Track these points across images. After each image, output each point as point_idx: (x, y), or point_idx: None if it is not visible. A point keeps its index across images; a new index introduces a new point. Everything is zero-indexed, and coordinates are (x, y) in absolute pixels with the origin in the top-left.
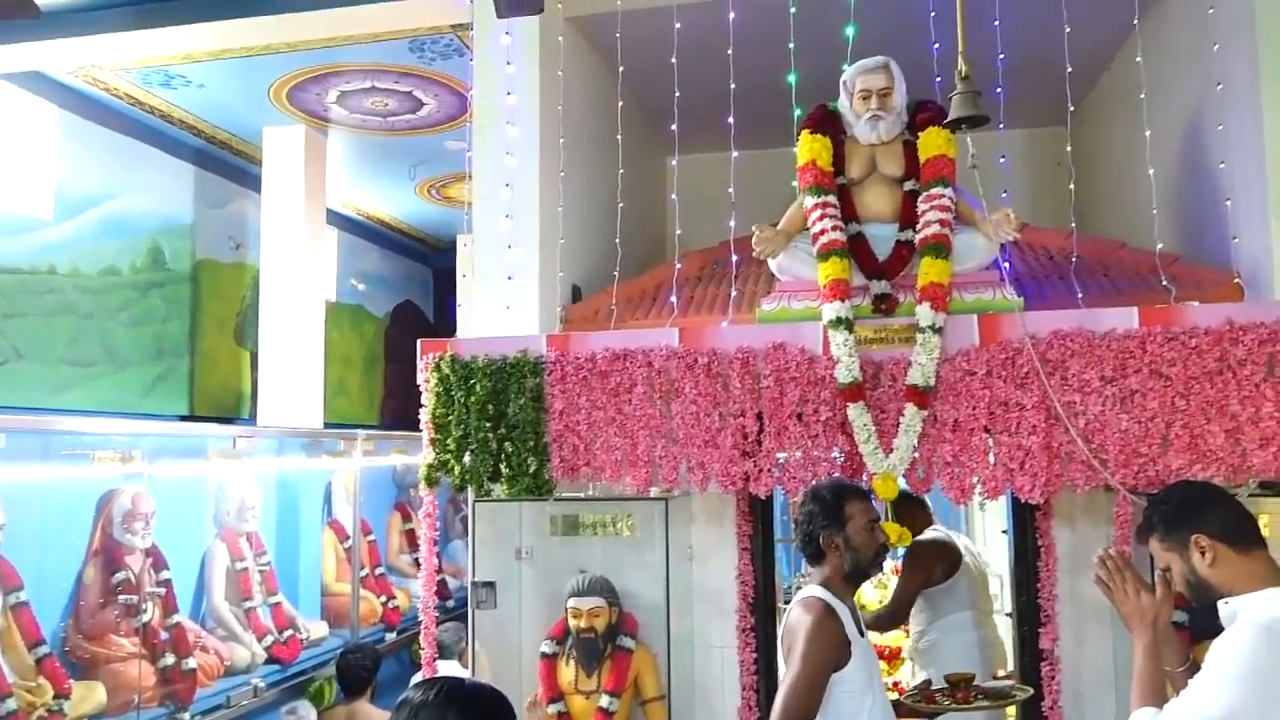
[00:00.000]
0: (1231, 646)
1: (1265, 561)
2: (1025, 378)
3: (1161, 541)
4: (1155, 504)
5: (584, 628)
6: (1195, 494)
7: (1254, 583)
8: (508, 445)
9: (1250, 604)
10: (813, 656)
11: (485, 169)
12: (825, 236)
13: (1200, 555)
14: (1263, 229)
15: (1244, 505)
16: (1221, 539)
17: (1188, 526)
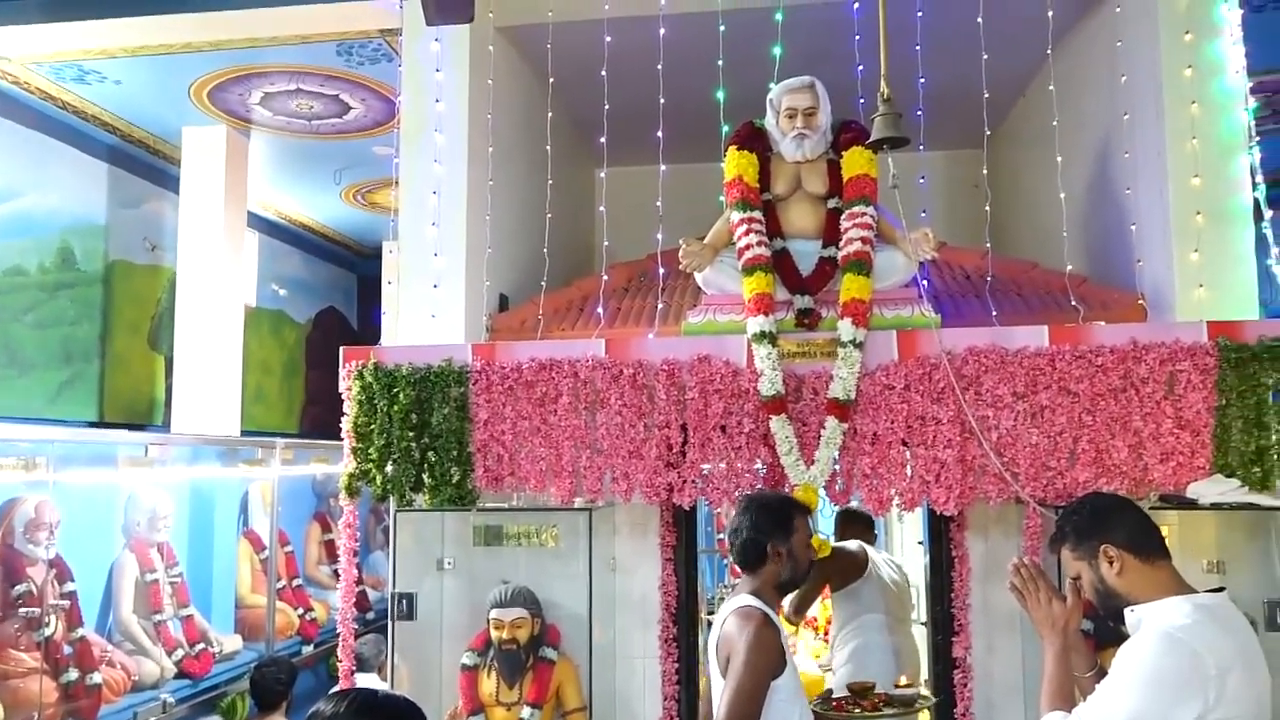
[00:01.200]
0: (1136, 653)
1: (1168, 571)
2: (941, 393)
3: (1073, 551)
4: (1067, 514)
5: (506, 639)
6: (1105, 505)
7: (1157, 591)
8: (431, 455)
9: (1154, 612)
10: (756, 665)
11: (412, 176)
12: (751, 251)
13: (1108, 564)
14: (1165, 253)
15: (1149, 518)
16: (1128, 549)
17: (1097, 537)
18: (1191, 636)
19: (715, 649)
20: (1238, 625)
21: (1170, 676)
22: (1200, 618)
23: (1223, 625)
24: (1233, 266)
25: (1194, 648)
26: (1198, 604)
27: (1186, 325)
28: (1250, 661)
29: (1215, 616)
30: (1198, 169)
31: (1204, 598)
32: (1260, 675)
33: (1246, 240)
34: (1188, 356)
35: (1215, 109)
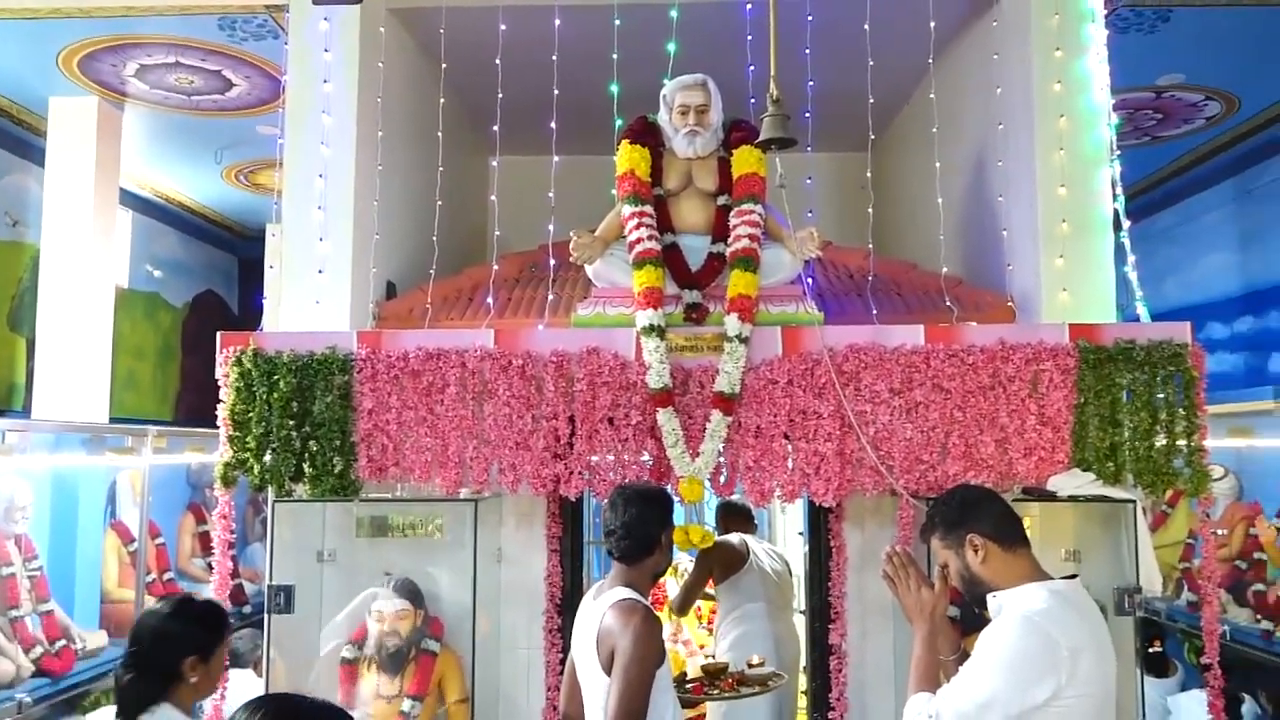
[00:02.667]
0: (997, 637)
1: (1028, 560)
2: (823, 388)
3: (941, 540)
4: (937, 505)
5: (387, 631)
6: (972, 497)
7: (1018, 578)
8: (312, 444)
9: (1014, 598)
10: (644, 659)
11: (298, 157)
12: (641, 245)
13: (974, 553)
14: (1033, 258)
15: (1012, 509)
16: (992, 539)
17: (964, 527)
18: (1047, 621)
19: (594, 642)
20: (1089, 610)
21: (1027, 658)
22: (1055, 603)
23: (1076, 610)
24: (1093, 273)
25: (1049, 631)
26: (1053, 590)
27: (1050, 327)
28: (1100, 643)
29: (1069, 602)
30: (1064, 180)
31: (1059, 584)
32: (1108, 656)
33: (1106, 248)
34: (1050, 357)
35: (1081, 123)
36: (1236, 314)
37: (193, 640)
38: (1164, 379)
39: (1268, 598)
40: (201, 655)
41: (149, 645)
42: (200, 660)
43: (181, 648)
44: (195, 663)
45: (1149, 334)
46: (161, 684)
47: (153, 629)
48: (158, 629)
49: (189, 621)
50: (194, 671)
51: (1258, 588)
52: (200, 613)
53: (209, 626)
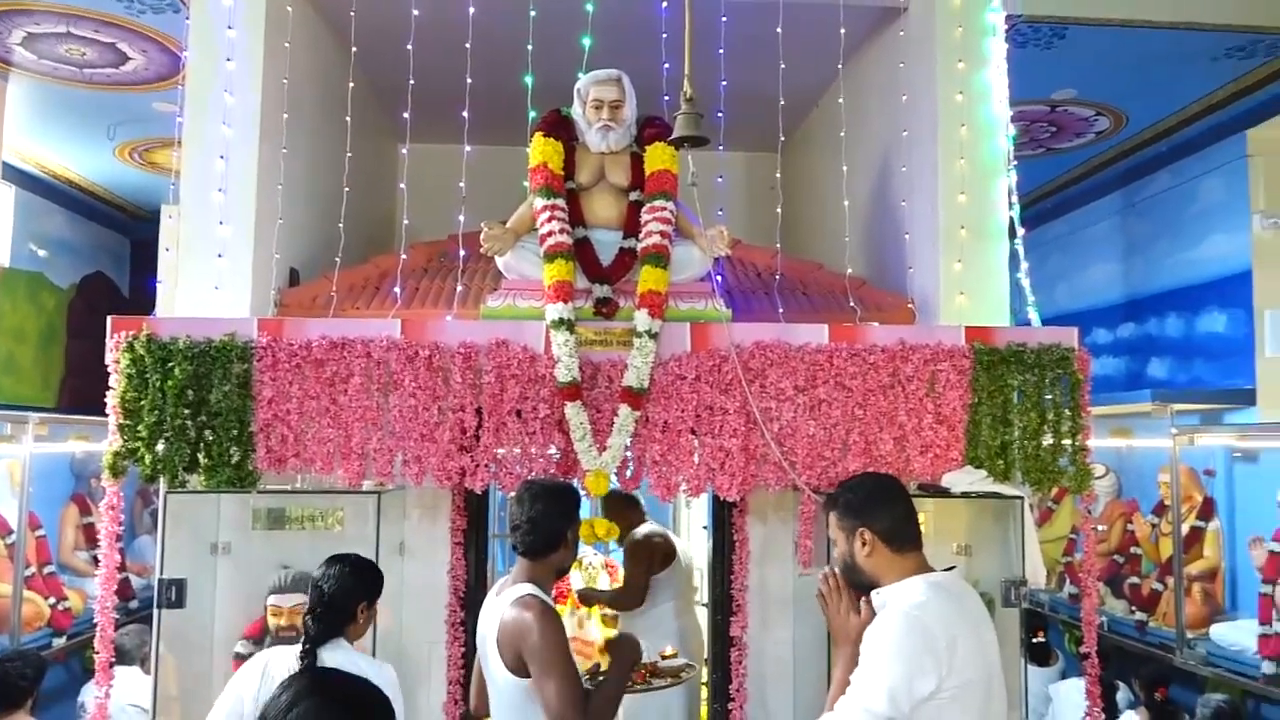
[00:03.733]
0: (880, 634)
1: (915, 560)
2: (729, 384)
3: (838, 521)
4: (847, 485)
5: (284, 626)
6: (878, 492)
7: (899, 576)
8: (208, 434)
9: (895, 593)
10: (563, 648)
11: (198, 137)
12: (552, 239)
13: (861, 545)
14: (933, 262)
15: (914, 510)
16: (882, 537)
17: (860, 518)
18: (925, 614)
19: (496, 640)
20: (967, 598)
21: (909, 651)
22: (933, 595)
23: (953, 600)
24: (989, 278)
25: (926, 624)
26: (931, 582)
27: (948, 329)
28: (977, 629)
29: (947, 592)
30: (964, 187)
31: (937, 576)
32: (987, 640)
33: (1002, 255)
34: (947, 358)
35: (981, 133)
36: (1119, 320)
37: (365, 589)
38: (1052, 381)
39: (1142, 590)
40: (369, 601)
41: (332, 591)
42: (369, 605)
43: (357, 595)
44: (365, 607)
45: (1039, 338)
46: (337, 624)
47: (335, 578)
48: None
49: (364, 574)
50: (364, 614)
51: (1133, 581)
52: (369, 566)
53: (376, 577)
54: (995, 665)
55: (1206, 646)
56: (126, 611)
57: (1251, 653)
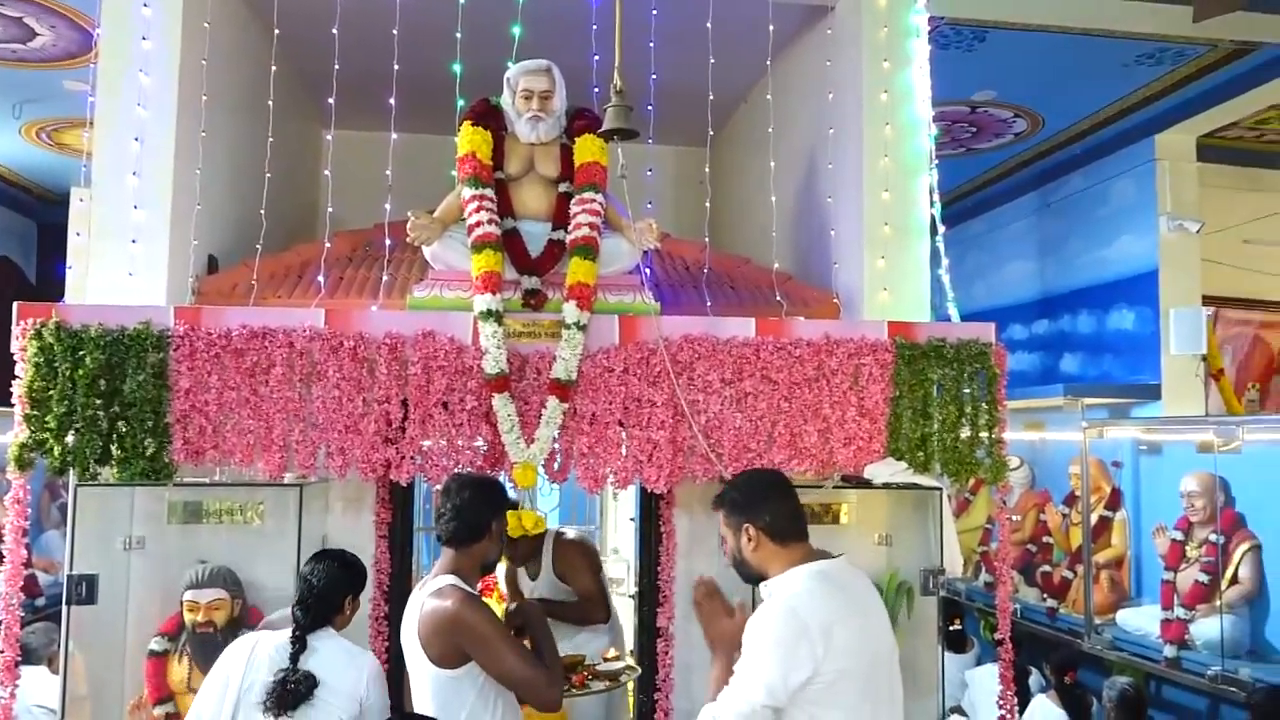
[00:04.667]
0: (756, 625)
1: (800, 551)
2: (657, 377)
3: (725, 518)
4: (732, 484)
5: (201, 622)
6: (761, 489)
7: (784, 568)
8: (121, 425)
9: (778, 585)
10: (498, 625)
11: (111, 118)
12: (481, 229)
13: (747, 540)
14: (857, 257)
15: (799, 504)
16: (766, 533)
17: (745, 515)
18: (800, 603)
19: (417, 633)
20: (851, 585)
21: (783, 642)
22: (813, 583)
23: (834, 587)
24: (911, 274)
25: (801, 614)
26: (813, 571)
27: (871, 324)
28: (862, 614)
29: (828, 580)
30: (888, 185)
31: (820, 564)
32: (873, 624)
33: (923, 252)
34: (871, 352)
35: (904, 132)
36: (1034, 317)
37: (350, 582)
38: (970, 375)
39: (1053, 578)
40: (355, 593)
41: (320, 585)
42: (354, 597)
43: (343, 588)
44: (351, 599)
45: (958, 333)
46: (325, 615)
47: (323, 573)
48: (327, 573)
49: (349, 568)
50: (350, 605)
51: (1045, 569)
52: (355, 562)
53: (361, 572)
54: (885, 650)
55: (1113, 631)
56: (33, 609)
57: (1155, 637)
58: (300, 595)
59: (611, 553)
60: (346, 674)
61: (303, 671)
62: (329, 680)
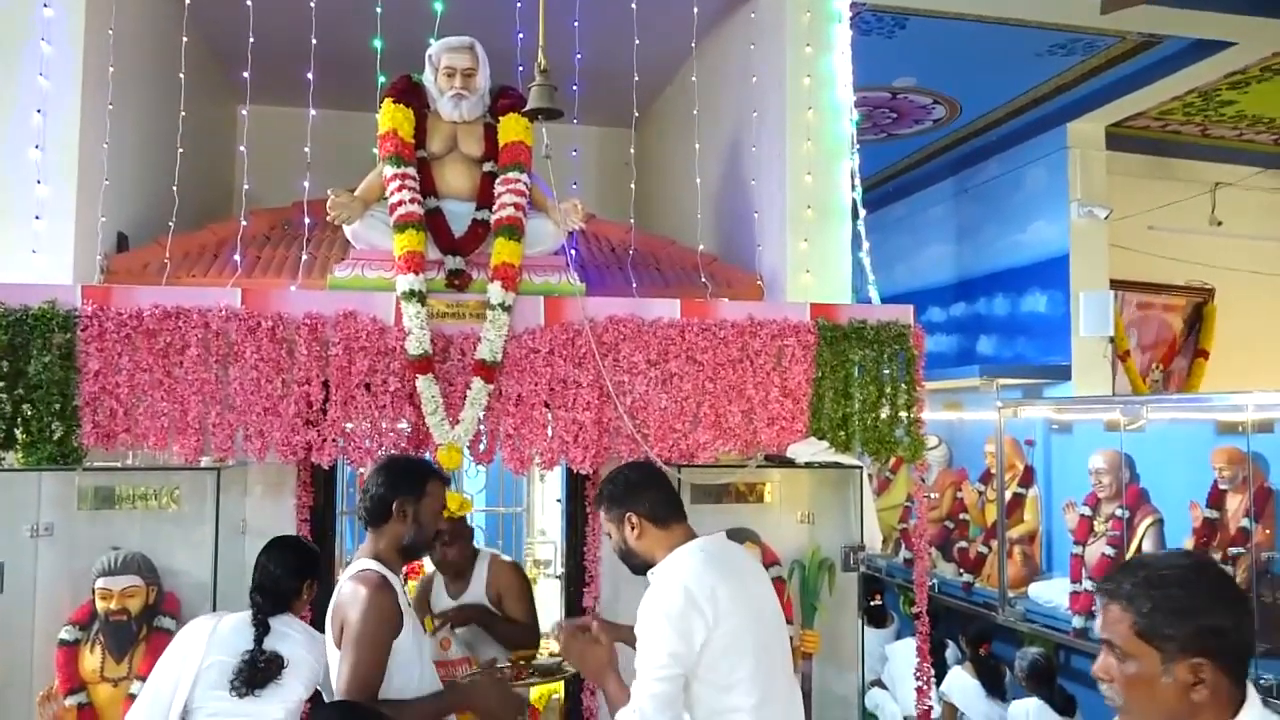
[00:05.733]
0: (650, 606)
1: (681, 532)
2: (583, 358)
3: (606, 514)
4: (606, 482)
5: (115, 609)
6: (635, 480)
7: (668, 550)
8: (26, 408)
9: (663, 568)
10: (373, 634)
11: (11, 89)
12: (403, 208)
13: (630, 529)
14: (780, 240)
15: (673, 489)
16: (647, 518)
17: (624, 506)
18: (683, 576)
19: (331, 614)
20: (729, 555)
21: (673, 611)
22: (693, 558)
23: (713, 558)
24: (833, 256)
25: (684, 584)
26: (693, 548)
27: (794, 306)
28: (742, 579)
29: (707, 553)
30: (810, 168)
31: (701, 541)
32: (755, 590)
33: (845, 234)
34: (794, 333)
35: (827, 116)
36: (951, 300)
37: (308, 567)
38: (890, 356)
39: (969, 553)
40: (312, 578)
41: (279, 571)
42: (312, 582)
43: (302, 573)
44: (310, 584)
45: (879, 315)
46: (285, 599)
47: (281, 559)
48: (285, 559)
49: (304, 554)
50: (308, 590)
51: (961, 545)
52: (311, 548)
53: (316, 557)
54: (771, 616)
55: (1025, 604)
56: None
57: (1064, 609)
58: (258, 581)
59: (539, 534)
60: (310, 656)
61: (271, 652)
62: (292, 660)
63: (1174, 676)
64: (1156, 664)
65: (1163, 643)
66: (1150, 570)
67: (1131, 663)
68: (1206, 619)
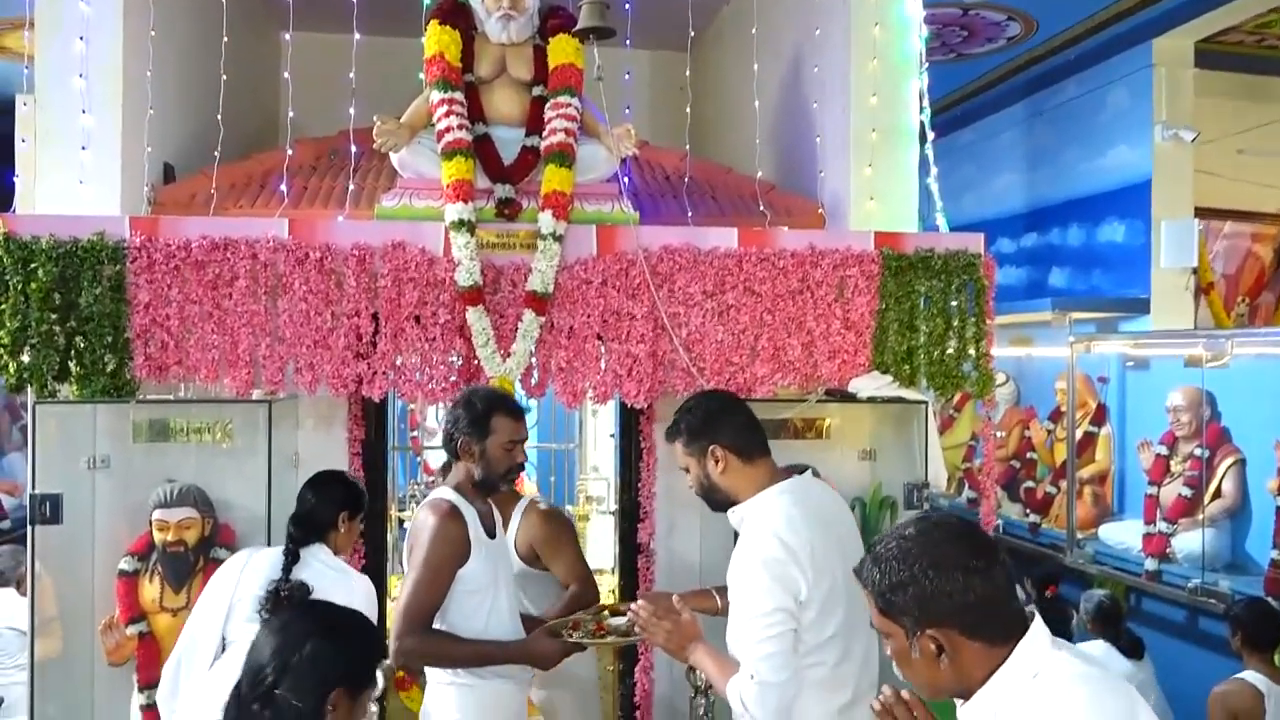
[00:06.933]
0: (749, 561)
1: (766, 467)
2: (637, 289)
3: (685, 447)
4: (682, 412)
5: (172, 541)
6: (716, 407)
7: (754, 488)
8: (79, 340)
9: (751, 510)
10: (432, 556)
11: (53, 17)
12: (450, 135)
13: (714, 463)
14: (843, 165)
15: (755, 417)
16: (732, 450)
17: (706, 437)
18: (776, 526)
19: (406, 540)
20: (819, 499)
21: (774, 565)
22: (788, 507)
23: (803, 505)
24: (899, 183)
25: (779, 536)
26: (782, 491)
27: (857, 234)
28: (831, 527)
29: (799, 499)
30: (876, 89)
31: (788, 483)
32: (843, 536)
33: (912, 160)
34: (857, 263)
35: (894, 33)
36: (1023, 230)
37: (348, 499)
38: (958, 287)
39: (1036, 494)
40: (351, 512)
41: (316, 501)
42: (350, 516)
43: (339, 504)
44: (347, 517)
45: (946, 244)
46: (320, 530)
47: (319, 490)
48: (323, 490)
49: (345, 486)
50: (345, 523)
51: (1028, 485)
52: (353, 482)
53: (358, 492)
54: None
55: (1095, 546)
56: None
57: (1136, 551)
58: (295, 511)
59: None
60: (336, 591)
61: (296, 581)
62: (321, 592)
63: (920, 649)
64: (904, 639)
65: (900, 618)
66: (878, 548)
67: (888, 641)
68: (926, 587)
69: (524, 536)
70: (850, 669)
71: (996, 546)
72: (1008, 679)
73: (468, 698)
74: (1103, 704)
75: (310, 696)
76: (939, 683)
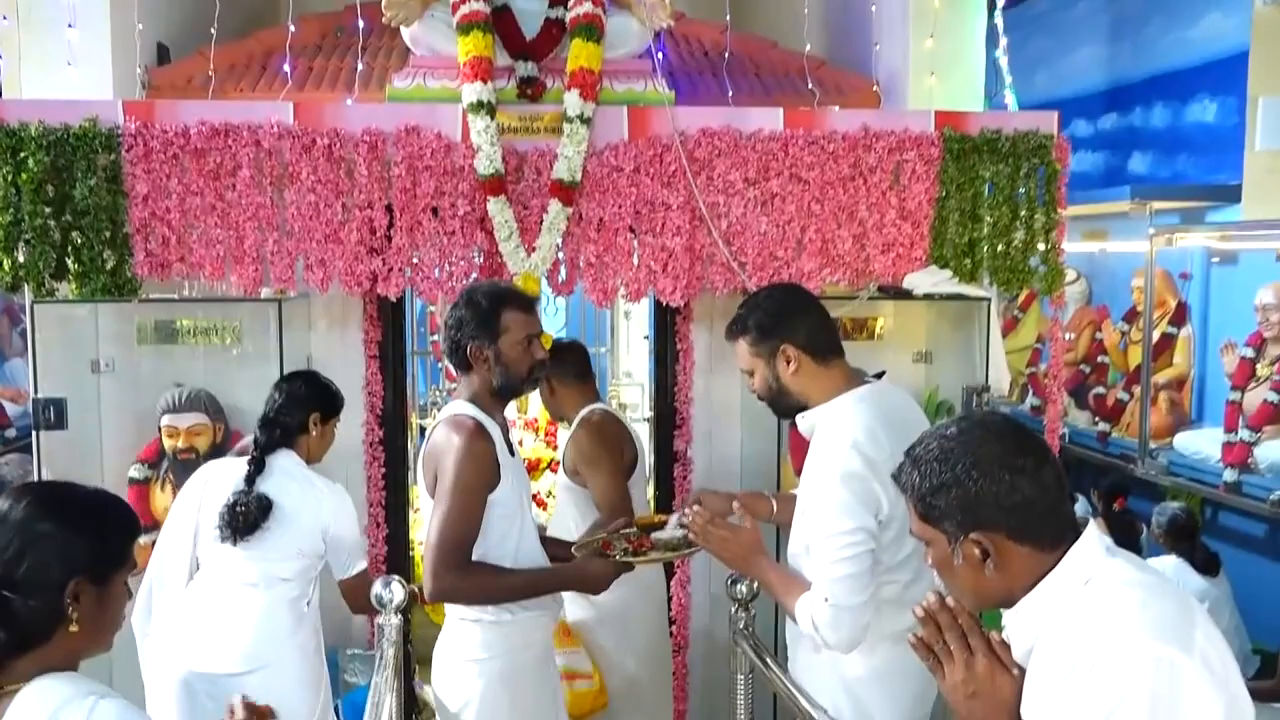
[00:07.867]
0: (822, 472)
1: (840, 370)
2: (672, 176)
3: (751, 346)
4: (751, 306)
5: (182, 447)
6: (790, 304)
7: (827, 392)
8: (76, 235)
9: (825, 415)
10: (462, 481)
11: None
12: (467, 6)
13: (785, 364)
14: (901, 38)
15: (829, 316)
16: (806, 351)
17: (778, 336)
18: (855, 435)
19: (423, 461)
20: (898, 407)
21: (853, 480)
22: (867, 417)
23: (881, 413)
24: (964, 57)
25: (864, 452)
26: (859, 398)
27: (915, 114)
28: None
29: (878, 408)
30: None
31: (865, 390)
32: None
33: (978, 31)
34: (914, 146)
35: None
36: (1100, 111)
37: (317, 399)
38: (1027, 173)
39: (1107, 400)
40: (323, 413)
41: (283, 400)
42: (322, 418)
43: (308, 404)
44: (318, 419)
45: (1015, 124)
46: (288, 433)
47: (287, 388)
48: (292, 388)
49: (316, 386)
50: (316, 427)
51: (1098, 391)
52: (325, 383)
53: (330, 393)
54: None
55: (1169, 456)
56: (3, 440)
57: (1214, 461)
58: (262, 414)
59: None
60: (304, 502)
61: (256, 493)
62: (286, 506)
63: (963, 555)
64: (945, 546)
65: (942, 522)
66: (918, 449)
67: (931, 549)
68: (970, 489)
69: (572, 448)
70: (921, 589)
71: (1045, 444)
72: (1057, 585)
73: (494, 635)
74: (1158, 610)
75: (42, 593)
76: (984, 590)
